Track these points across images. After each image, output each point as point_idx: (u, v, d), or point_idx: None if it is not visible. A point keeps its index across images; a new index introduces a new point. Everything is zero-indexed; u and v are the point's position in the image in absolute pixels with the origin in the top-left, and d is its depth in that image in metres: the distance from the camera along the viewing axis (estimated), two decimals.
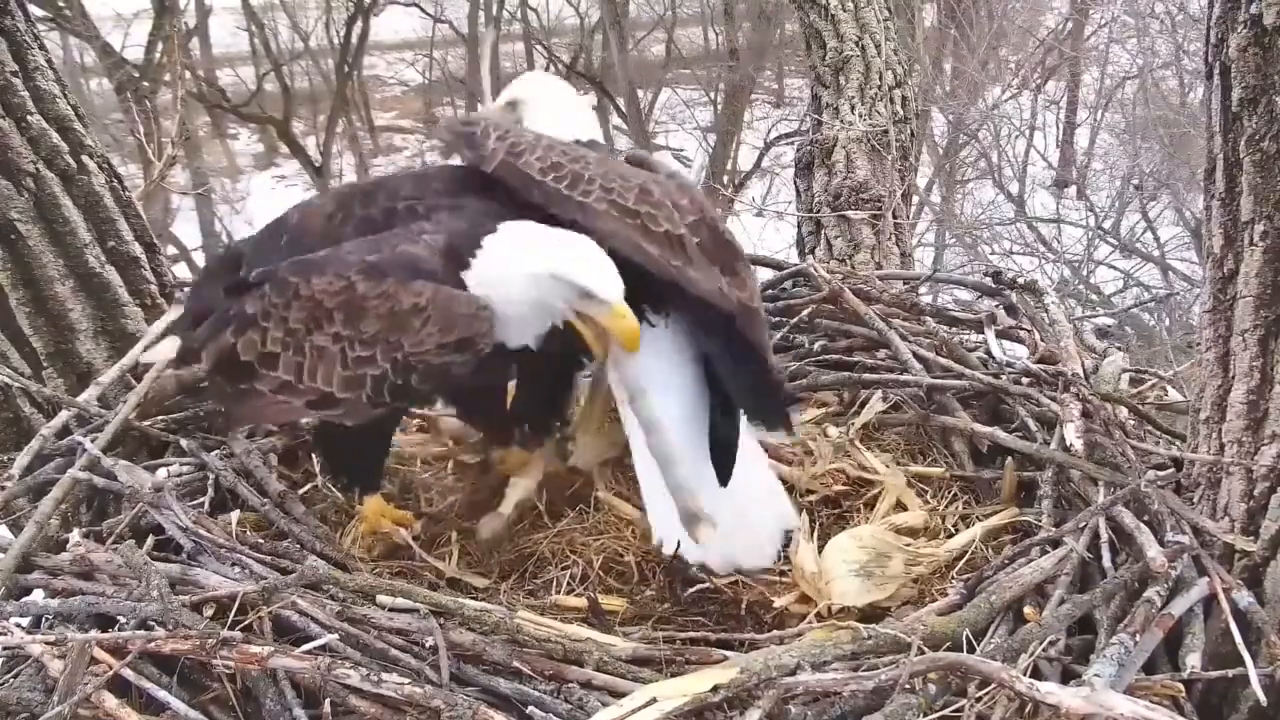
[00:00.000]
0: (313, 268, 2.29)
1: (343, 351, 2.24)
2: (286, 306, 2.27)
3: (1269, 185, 1.96)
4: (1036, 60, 15.74)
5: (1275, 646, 1.99)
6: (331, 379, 2.26)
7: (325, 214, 2.47)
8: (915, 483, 2.77)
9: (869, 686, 1.83)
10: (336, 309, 2.23)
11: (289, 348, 2.27)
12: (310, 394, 2.29)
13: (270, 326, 2.29)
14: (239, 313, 2.33)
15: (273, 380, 2.30)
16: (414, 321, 2.19)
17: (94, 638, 2.04)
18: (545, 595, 2.40)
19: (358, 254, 2.28)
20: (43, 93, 3.16)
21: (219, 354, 2.36)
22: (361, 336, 2.22)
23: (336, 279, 2.24)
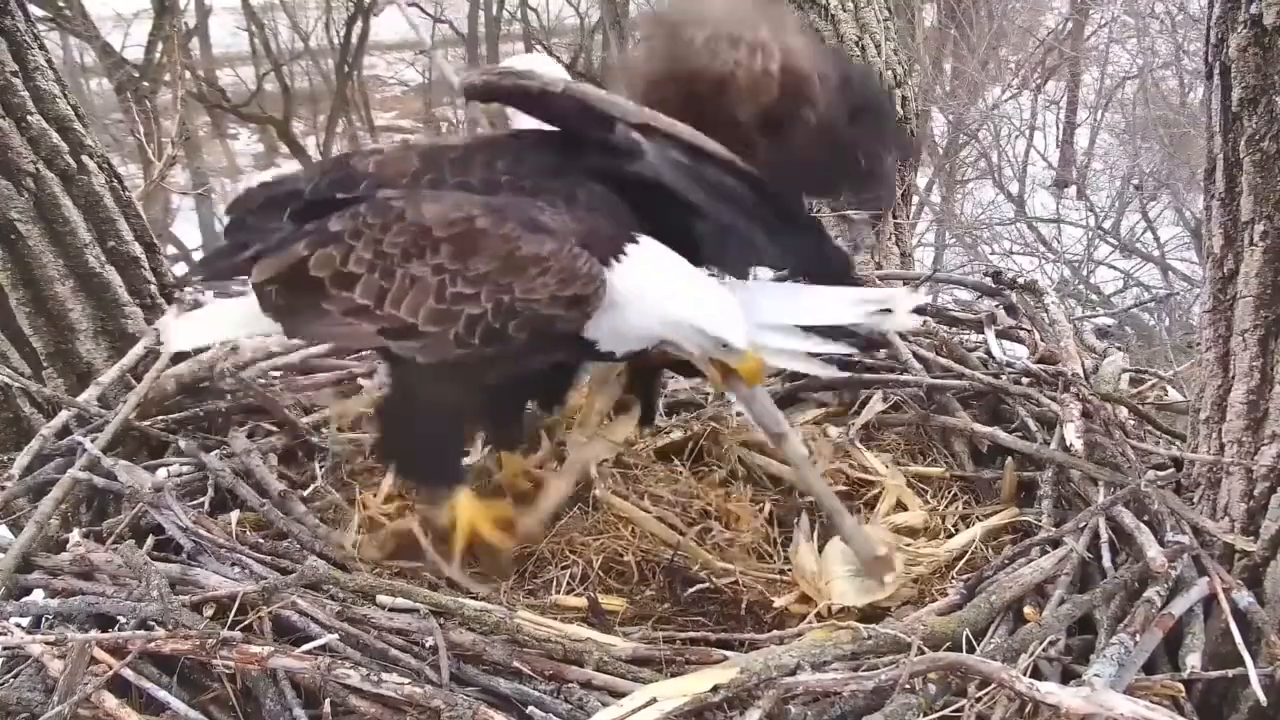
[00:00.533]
0: (425, 196, 2.20)
1: (441, 284, 2.15)
2: (384, 229, 2.16)
3: (1269, 185, 1.97)
4: (1036, 60, 15.74)
5: (1275, 646, 1.99)
6: (418, 310, 2.16)
7: (410, 170, 2.32)
8: (915, 483, 2.78)
9: (869, 686, 1.83)
10: (447, 240, 2.14)
11: (375, 270, 2.17)
12: (388, 321, 2.18)
13: (357, 245, 2.17)
14: (318, 229, 2.21)
15: (344, 301, 2.19)
16: (531, 269, 2.13)
17: (94, 638, 2.04)
18: (545, 595, 2.40)
19: (477, 193, 2.20)
20: (43, 93, 3.16)
21: (283, 266, 2.22)
22: (467, 273, 2.14)
23: (455, 209, 2.15)
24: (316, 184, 2.34)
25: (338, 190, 2.30)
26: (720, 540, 2.52)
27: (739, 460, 2.81)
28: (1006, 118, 13.97)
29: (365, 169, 2.33)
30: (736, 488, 2.72)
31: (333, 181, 2.33)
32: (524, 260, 2.13)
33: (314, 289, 2.20)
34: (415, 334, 2.18)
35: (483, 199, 2.19)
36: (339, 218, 2.20)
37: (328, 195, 2.29)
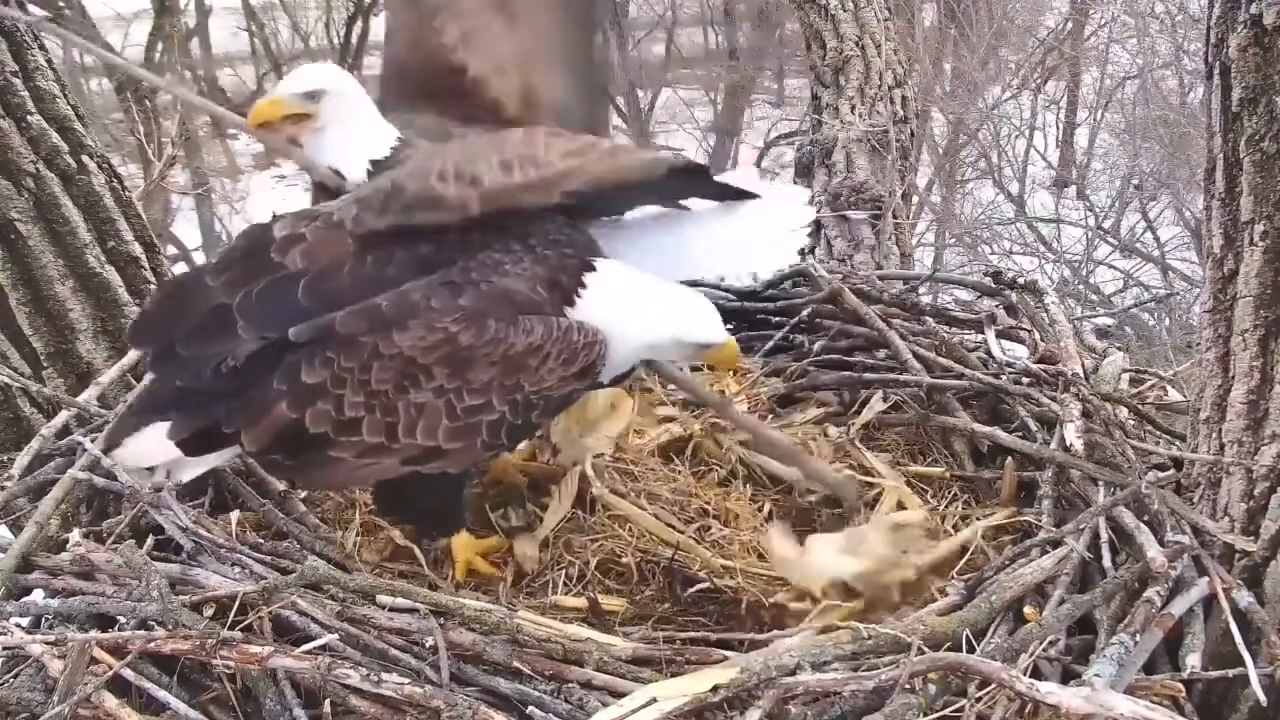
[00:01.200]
0: (386, 322, 2.10)
1: (449, 403, 2.13)
2: (365, 369, 2.09)
3: (1269, 185, 1.96)
4: (1036, 60, 15.74)
5: (1275, 646, 1.99)
6: (436, 432, 2.14)
7: (350, 252, 2.19)
8: (915, 482, 2.78)
9: (869, 686, 1.83)
10: (437, 364, 2.10)
11: (374, 410, 2.11)
12: (409, 451, 2.16)
13: (346, 393, 2.10)
14: (291, 386, 2.10)
15: (355, 445, 2.14)
16: (531, 362, 2.14)
17: (94, 638, 2.03)
18: (545, 595, 2.40)
19: (439, 297, 2.12)
20: (43, 93, 3.16)
21: (275, 432, 2.13)
22: (471, 386, 2.12)
23: (430, 332, 2.09)
24: (245, 297, 2.15)
25: (270, 299, 2.15)
26: (720, 538, 2.52)
27: (739, 460, 2.81)
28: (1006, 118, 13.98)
29: (294, 262, 2.17)
30: (736, 487, 2.71)
31: (264, 291, 2.15)
32: (522, 356, 2.13)
33: (318, 444, 2.14)
34: (440, 454, 2.18)
35: (448, 296, 2.12)
36: (309, 368, 2.10)
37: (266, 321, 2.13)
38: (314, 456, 2.17)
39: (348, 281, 2.17)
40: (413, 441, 2.14)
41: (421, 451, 2.16)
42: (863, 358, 3.22)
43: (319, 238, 2.20)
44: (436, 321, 2.11)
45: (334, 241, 2.20)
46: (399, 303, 2.13)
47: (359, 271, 2.18)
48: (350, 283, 2.17)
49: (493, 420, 2.15)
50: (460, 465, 2.26)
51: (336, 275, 2.18)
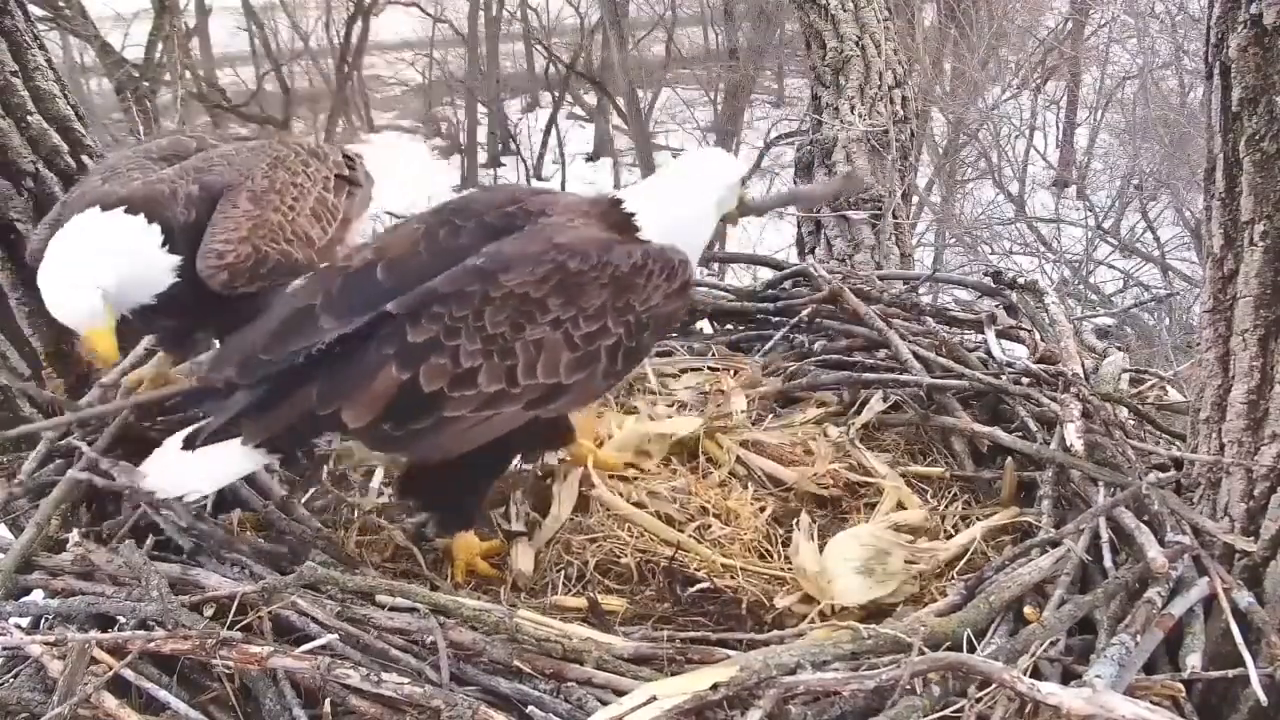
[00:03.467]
0: (488, 271, 2.16)
1: (566, 334, 2.18)
2: (478, 316, 2.13)
3: (1269, 185, 1.96)
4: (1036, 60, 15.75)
5: (1275, 646, 1.99)
6: (558, 366, 2.18)
7: (420, 236, 2.29)
8: (915, 482, 2.78)
9: (869, 686, 1.83)
10: (550, 295, 2.16)
11: (492, 355, 2.14)
12: (530, 393, 2.18)
13: (461, 342, 2.12)
14: (399, 349, 2.11)
15: (473, 399, 2.15)
16: (638, 280, 2.22)
17: (94, 638, 2.04)
18: (545, 595, 2.40)
19: (533, 243, 2.20)
20: (43, 93, 3.16)
21: (385, 399, 2.11)
22: (586, 312, 2.18)
23: (538, 265, 2.16)
24: (325, 295, 2.21)
25: (350, 289, 2.21)
26: (721, 537, 2.52)
27: (739, 460, 2.81)
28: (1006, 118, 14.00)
29: (364, 259, 2.26)
30: (736, 487, 2.71)
31: (344, 284, 2.22)
32: (629, 276, 2.21)
33: (429, 404, 2.14)
34: (562, 391, 2.21)
35: (543, 239, 2.21)
36: (415, 328, 2.12)
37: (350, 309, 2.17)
38: (425, 421, 2.15)
39: (425, 256, 2.23)
40: (534, 381, 2.17)
41: (544, 390, 2.19)
42: (863, 358, 3.22)
43: (383, 239, 2.31)
44: (543, 256, 2.17)
45: (401, 233, 2.33)
46: (495, 255, 2.19)
47: (434, 246, 2.25)
48: (429, 257, 2.23)
49: (610, 345, 2.20)
50: (581, 402, 2.31)
51: (413, 254, 2.24)
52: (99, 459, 2.63)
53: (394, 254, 2.25)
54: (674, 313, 2.32)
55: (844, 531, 2.51)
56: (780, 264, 3.80)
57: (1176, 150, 11.82)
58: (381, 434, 2.17)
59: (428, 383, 2.12)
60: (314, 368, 2.14)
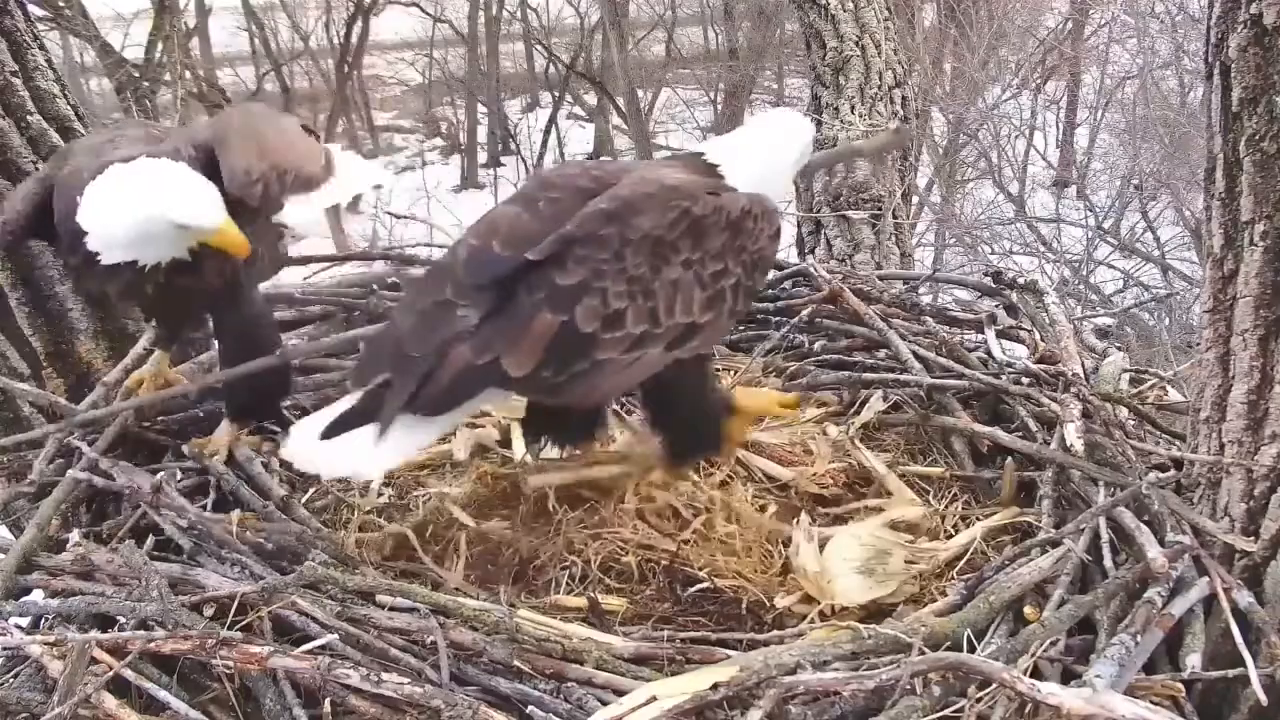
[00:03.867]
0: (617, 214, 2.21)
1: (698, 274, 2.26)
2: (619, 257, 2.18)
3: (1269, 185, 1.96)
4: (1036, 60, 15.76)
5: (1275, 646, 1.99)
6: (692, 306, 2.26)
7: (518, 209, 2.33)
8: (915, 482, 2.78)
9: (869, 686, 1.83)
10: (681, 238, 2.24)
11: (636, 296, 2.19)
12: (671, 333, 2.25)
13: (608, 284, 2.16)
14: (550, 293, 2.14)
15: (622, 340, 2.19)
16: (748, 223, 2.33)
17: (94, 638, 2.03)
18: (545, 595, 2.40)
19: (649, 187, 2.28)
20: (43, 93, 3.16)
21: (544, 342, 2.13)
22: (711, 253, 2.27)
23: (667, 209, 2.24)
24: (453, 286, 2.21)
25: (473, 269, 2.22)
26: (722, 536, 2.52)
27: (738, 461, 2.80)
28: (1006, 118, 14.01)
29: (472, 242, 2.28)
30: (736, 487, 2.71)
31: (467, 267, 2.23)
32: (740, 219, 2.32)
33: (583, 347, 2.17)
34: (696, 330, 2.29)
35: (657, 185, 2.29)
36: (562, 272, 2.16)
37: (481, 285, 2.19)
38: (582, 364, 2.18)
39: (535, 223, 2.25)
40: (673, 321, 2.24)
41: (681, 330, 2.26)
42: (863, 358, 3.22)
43: (479, 227, 2.33)
44: (669, 200, 2.25)
45: (497, 215, 2.36)
46: (616, 199, 2.25)
47: (539, 215, 2.27)
48: (538, 225, 2.25)
49: (733, 284, 2.31)
50: (711, 341, 2.45)
51: (520, 223, 2.27)
52: (99, 459, 2.63)
53: (502, 231, 2.27)
54: (773, 255, 2.47)
55: (844, 531, 2.51)
56: (780, 264, 3.80)
57: (1176, 150, 11.83)
58: (542, 380, 2.17)
59: (584, 323, 2.16)
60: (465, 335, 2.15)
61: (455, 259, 2.30)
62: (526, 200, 2.34)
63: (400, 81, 24.60)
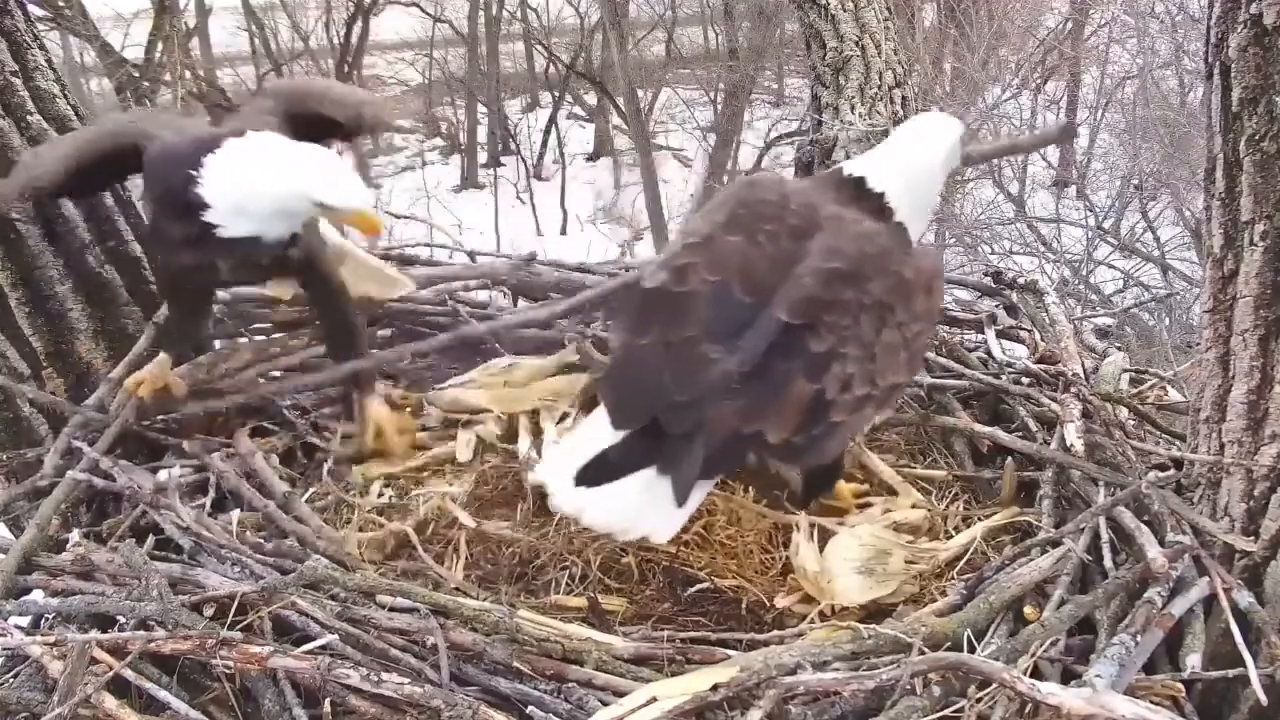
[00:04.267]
0: (856, 276, 2.25)
1: (904, 338, 2.30)
2: (856, 321, 2.22)
3: (1269, 185, 1.96)
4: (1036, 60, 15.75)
5: (1275, 646, 1.99)
6: (900, 367, 2.31)
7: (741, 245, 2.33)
8: (917, 482, 2.77)
9: (870, 686, 1.83)
10: (898, 301, 2.29)
11: (864, 360, 2.23)
12: (885, 393, 2.30)
13: (849, 350, 2.21)
14: (805, 357, 2.17)
15: (850, 403, 2.22)
16: (937, 284, 2.43)
17: (94, 638, 2.04)
18: (545, 595, 2.40)
19: (867, 245, 2.32)
20: (42, 93, 3.15)
21: (800, 409, 2.16)
22: (914, 315, 2.33)
23: (886, 275, 2.29)
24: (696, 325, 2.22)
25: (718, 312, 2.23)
26: (722, 539, 2.52)
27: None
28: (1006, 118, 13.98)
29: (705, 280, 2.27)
30: (739, 489, 2.70)
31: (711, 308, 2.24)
32: (931, 281, 2.40)
33: (824, 413, 2.20)
34: (898, 390, 2.39)
35: (874, 241, 2.33)
36: (816, 338, 2.18)
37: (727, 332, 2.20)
38: (818, 430, 2.21)
39: (763, 263, 2.28)
40: (887, 383, 2.29)
41: (889, 391, 2.32)
42: None
43: (700, 256, 2.32)
44: (888, 264, 2.31)
45: (721, 250, 2.32)
46: (845, 258, 2.28)
47: (762, 250, 2.31)
48: (765, 263, 2.28)
49: (924, 344, 2.42)
50: (896, 401, 2.59)
51: (750, 263, 2.29)
52: (99, 459, 2.64)
53: (737, 270, 2.28)
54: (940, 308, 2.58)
55: (844, 531, 2.51)
56: None
57: (1176, 150, 11.82)
58: (791, 446, 2.20)
59: (830, 391, 2.18)
60: (735, 392, 2.15)
61: (685, 290, 2.27)
62: (746, 232, 2.34)
63: (400, 81, 24.57)
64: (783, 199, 2.40)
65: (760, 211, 2.39)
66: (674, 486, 2.12)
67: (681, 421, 2.13)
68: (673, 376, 2.17)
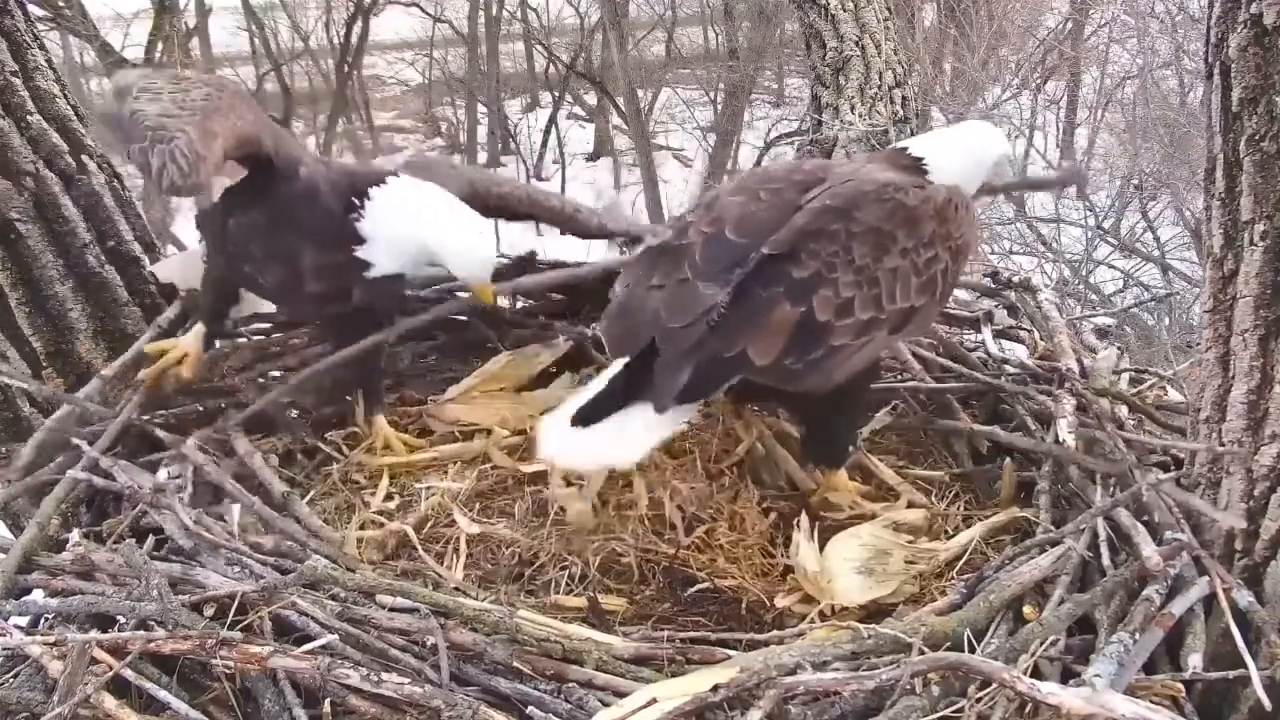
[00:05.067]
0: (843, 211, 2.37)
1: (913, 262, 2.40)
2: (847, 249, 2.33)
3: (1269, 185, 1.96)
4: (1036, 60, 15.74)
5: (1276, 646, 1.99)
6: (910, 291, 2.40)
7: (744, 198, 2.49)
8: (917, 483, 2.78)
9: (869, 686, 1.83)
10: (898, 227, 2.39)
11: (862, 285, 2.34)
12: (894, 318, 2.39)
13: (838, 275, 2.31)
14: (787, 285, 2.29)
15: (852, 327, 2.34)
16: (951, 211, 2.47)
17: (94, 638, 2.03)
18: (545, 595, 2.40)
19: (869, 184, 2.43)
20: (42, 92, 3.15)
21: (786, 332, 2.29)
22: (923, 240, 2.42)
23: (883, 203, 2.40)
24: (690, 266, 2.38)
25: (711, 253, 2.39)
26: (724, 543, 2.52)
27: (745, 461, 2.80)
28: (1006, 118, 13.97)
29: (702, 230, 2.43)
30: (743, 490, 2.70)
31: (705, 251, 2.39)
32: (944, 208, 2.46)
33: (821, 335, 2.32)
34: (914, 313, 2.44)
35: (877, 180, 2.45)
36: (798, 266, 2.31)
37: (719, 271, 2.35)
38: (818, 351, 2.32)
39: (762, 215, 2.42)
40: (895, 306, 2.39)
41: (901, 315, 2.41)
42: None
43: (707, 214, 2.48)
44: (884, 195, 2.42)
45: (724, 205, 2.49)
46: (838, 195, 2.41)
47: (763, 207, 2.45)
48: (765, 214, 2.43)
49: (942, 269, 2.46)
50: (926, 324, 2.66)
51: (747, 212, 2.44)
52: (99, 458, 2.63)
53: (731, 217, 2.43)
54: (974, 243, 2.62)
55: (844, 531, 2.51)
56: None
57: (1176, 150, 11.81)
58: (784, 368, 2.31)
59: (820, 313, 2.30)
60: (718, 324, 2.28)
61: (685, 242, 2.43)
62: (748, 191, 2.50)
63: (400, 81, 24.57)
64: (797, 167, 2.54)
65: (769, 174, 2.54)
66: (654, 400, 2.24)
67: (675, 346, 2.27)
68: (666, 308, 2.33)
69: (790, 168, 2.58)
